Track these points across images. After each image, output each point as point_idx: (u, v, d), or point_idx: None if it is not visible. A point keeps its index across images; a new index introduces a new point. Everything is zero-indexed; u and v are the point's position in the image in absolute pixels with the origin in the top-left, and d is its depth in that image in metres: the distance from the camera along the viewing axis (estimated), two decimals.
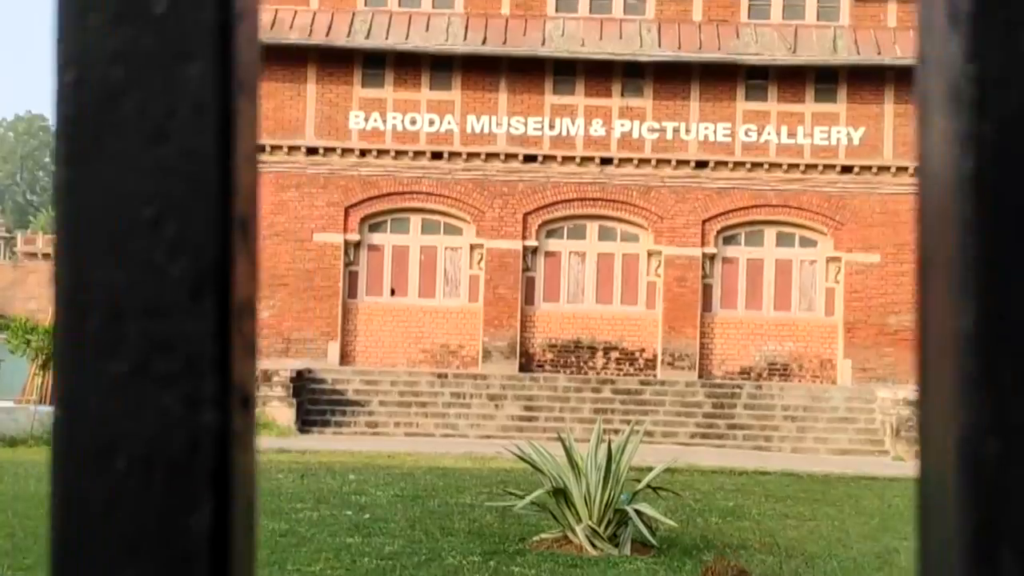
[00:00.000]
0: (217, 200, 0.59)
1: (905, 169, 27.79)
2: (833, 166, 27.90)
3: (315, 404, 26.26)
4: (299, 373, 26.17)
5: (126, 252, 0.59)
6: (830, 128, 27.97)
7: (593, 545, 11.13)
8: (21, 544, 10.46)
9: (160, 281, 0.58)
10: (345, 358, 28.16)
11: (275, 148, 28.17)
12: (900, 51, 27.57)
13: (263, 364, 26.43)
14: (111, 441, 0.58)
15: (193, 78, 0.59)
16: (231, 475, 0.58)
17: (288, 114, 28.28)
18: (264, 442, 22.60)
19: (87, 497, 0.58)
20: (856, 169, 27.87)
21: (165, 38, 0.60)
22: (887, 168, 27.85)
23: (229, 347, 0.58)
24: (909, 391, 25.63)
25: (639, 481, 11.67)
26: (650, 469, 12.24)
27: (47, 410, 25.09)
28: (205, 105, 0.59)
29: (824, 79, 27.99)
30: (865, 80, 27.88)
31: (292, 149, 28.24)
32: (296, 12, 28.23)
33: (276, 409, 25.14)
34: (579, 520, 11.28)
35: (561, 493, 11.42)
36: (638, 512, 11.17)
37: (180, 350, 0.58)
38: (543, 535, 11.71)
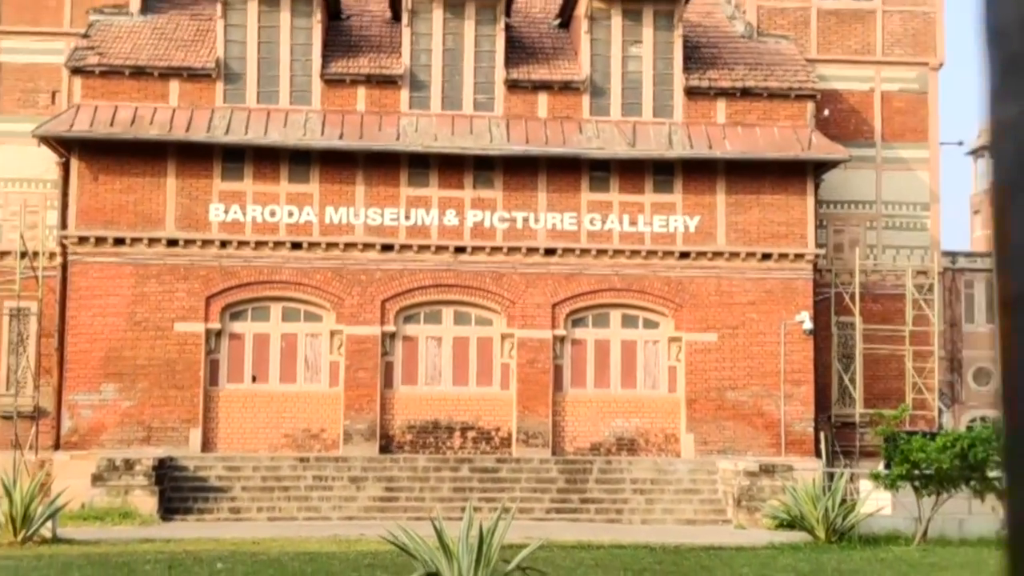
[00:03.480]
0: None
1: (737, 255, 29.73)
2: (672, 252, 29.60)
3: (178, 492, 26.44)
4: (161, 461, 26.28)
5: None
6: (668, 217, 29.71)
7: None
8: None
9: None
10: (207, 445, 28.46)
11: (135, 240, 28.61)
12: (729, 145, 29.63)
13: (125, 453, 26.63)
14: None
15: None
16: None
17: (149, 207, 28.78)
18: (127, 532, 22.50)
19: None
20: (693, 255, 29.62)
21: None
22: (721, 253, 29.70)
23: None
24: (748, 462, 27.24)
25: (507, 561, 12.50)
26: (513, 547, 12.98)
27: None
28: None
29: (661, 171, 29.76)
30: (699, 172, 29.73)
31: (152, 241, 28.70)
32: (156, 109, 28.88)
33: (138, 498, 25.25)
34: None
35: None
36: None
37: None
38: None
